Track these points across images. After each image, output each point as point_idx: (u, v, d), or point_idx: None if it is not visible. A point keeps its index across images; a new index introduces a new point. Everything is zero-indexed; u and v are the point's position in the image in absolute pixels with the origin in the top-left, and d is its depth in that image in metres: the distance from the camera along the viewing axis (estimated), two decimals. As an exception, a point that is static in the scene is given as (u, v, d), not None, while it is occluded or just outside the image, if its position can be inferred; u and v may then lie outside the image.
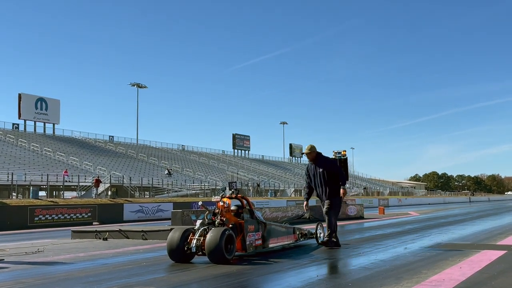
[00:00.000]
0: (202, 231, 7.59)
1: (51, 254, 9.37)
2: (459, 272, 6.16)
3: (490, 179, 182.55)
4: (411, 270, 6.43)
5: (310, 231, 10.29)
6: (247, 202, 8.63)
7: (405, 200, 69.82)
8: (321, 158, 9.41)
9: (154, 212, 31.11)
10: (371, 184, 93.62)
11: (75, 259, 8.60)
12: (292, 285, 5.50)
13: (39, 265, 7.91)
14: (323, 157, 9.47)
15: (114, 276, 6.47)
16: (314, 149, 9.37)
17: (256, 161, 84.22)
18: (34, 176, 35.26)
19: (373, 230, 15.19)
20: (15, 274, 6.85)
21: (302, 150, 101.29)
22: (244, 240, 7.91)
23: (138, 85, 71.97)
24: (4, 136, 51.53)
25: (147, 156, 60.57)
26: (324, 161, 9.39)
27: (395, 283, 5.45)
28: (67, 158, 47.29)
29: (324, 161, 9.39)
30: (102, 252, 9.66)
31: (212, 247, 7.13)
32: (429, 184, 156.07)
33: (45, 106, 59.78)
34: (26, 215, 23.91)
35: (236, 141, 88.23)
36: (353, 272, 6.54)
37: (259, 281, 6.07)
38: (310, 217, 21.71)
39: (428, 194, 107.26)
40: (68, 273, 6.83)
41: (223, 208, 7.96)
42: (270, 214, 19.08)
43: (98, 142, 65.43)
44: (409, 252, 8.58)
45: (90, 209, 27.43)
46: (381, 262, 7.30)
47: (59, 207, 26.19)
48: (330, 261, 7.84)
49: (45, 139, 56.18)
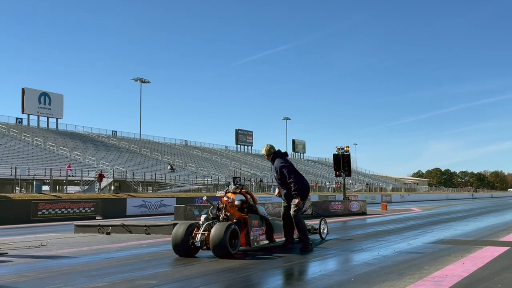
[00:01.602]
0: (207, 226, 7.64)
1: (55, 248, 9.40)
2: (462, 268, 6.15)
3: (493, 175, 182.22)
4: (414, 266, 6.43)
5: (314, 227, 10.30)
6: (251, 197, 8.68)
7: (407, 196, 69.82)
8: (275, 160, 8.70)
9: (157, 207, 31.16)
10: (374, 180, 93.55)
11: (78, 253, 8.63)
12: (294, 280, 5.51)
13: (42, 259, 7.94)
14: (276, 159, 8.68)
15: (117, 270, 6.49)
16: (269, 151, 8.76)
17: (259, 157, 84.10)
18: (37, 171, 35.33)
19: (375, 226, 15.17)
20: (18, 268, 6.88)
21: (305, 146, 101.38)
22: (248, 235, 7.96)
23: (141, 80, 71.98)
24: (7, 130, 51.63)
25: (150, 151, 60.61)
26: (276, 163, 8.64)
27: (398, 279, 5.45)
28: (70, 153, 47.36)
29: (276, 163, 8.64)
30: (105, 246, 9.69)
31: (216, 241, 7.17)
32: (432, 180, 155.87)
33: (49, 101, 59.83)
34: (30, 209, 23.98)
35: (239, 136, 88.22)
36: (356, 267, 6.55)
37: (261, 276, 6.08)
38: (312, 212, 21.76)
39: (431, 190, 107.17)
40: (72, 267, 6.85)
41: (227, 203, 8.01)
42: (273, 210, 19.08)
43: (101, 137, 65.48)
44: (411, 248, 8.58)
45: (93, 203, 27.48)
46: (383, 257, 7.30)
47: (62, 201, 26.25)
48: (332, 256, 7.84)
49: (49, 134, 56.26)
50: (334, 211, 23.01)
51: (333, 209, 23.17)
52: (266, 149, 8.80)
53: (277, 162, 8.60)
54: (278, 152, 8.82)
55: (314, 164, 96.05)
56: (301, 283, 5.31)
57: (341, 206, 23.89)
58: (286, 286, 5.19)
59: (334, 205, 23.82)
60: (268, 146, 8.81)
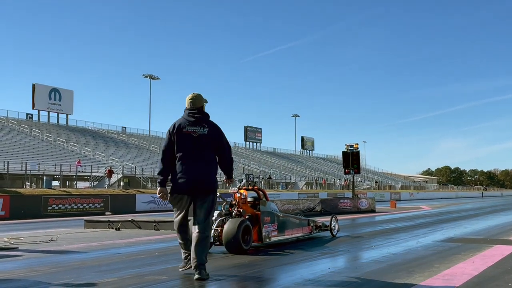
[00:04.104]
0: (220, 221, 7.73)
1: (65, 243, 9.46)
2: (472, 267, 6.12)
3: (503, 174, 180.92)
4: (423, 264, 6.41)
5: (325, 224, 10.37)
6: (264, 194, 8.76)
7: (417, 194, 69.52)
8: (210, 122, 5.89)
9: (166, 203, 30.87)
10: (383, 178, 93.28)
11: (88, 248, 8.68)
12: (304, 277, 5.51)
13: (52, 253, 7.99)
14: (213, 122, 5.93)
15: (126, 265, 6.52)
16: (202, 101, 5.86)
17: (268, 154, 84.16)
18: (47, 166, 35.57)
19: (384, 223, 15.15)
20: (29, 262, 6.93)
21: (314, 143, 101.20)
22: (260, 231, 8.06)
23: (151, 76, 72.12)
24: (18, 126, 51.98)
25: (159, 147, 60.73)
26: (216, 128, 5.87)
27: (407, 277, 5.44)
28: (80, 149, 47.61)
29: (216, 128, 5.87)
30: (115, 242, 9.74)
31: (229, 237, 7.28)
32: (441, 178, 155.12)
33: (59, 97, 60.11)
34: (40, 204, 24.13)
35: (248, 133, 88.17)
36: (365, 265, 6.54)
37: (271, 272, 6.10)
38: (321, 210, 21.74)
39: (440, 188, 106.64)
40: (81, 262, 6.90)
41: (240, 200, 8.10)
42: (282, 207, 19.09)
43: (111, 133, 65.75)
44: (421, 246, 8.55)
45: (102, 199, 27.60)
46: (393, 255, 7.29)
47: (72, 196, 26.40)
48: (342, 254, 7.85)
49: (59, 129, 56.58)
50: (343, 208, 22.98)
51: (342, 207, 23.14)
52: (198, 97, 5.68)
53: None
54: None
55: (323, 162, 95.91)
56: (311, 280, 5.30)
57: (350, 203, 23.85)
58: (295, 282, 5.19)
59: (343, 203, 23.80)
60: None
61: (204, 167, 5.46)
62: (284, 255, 7.46)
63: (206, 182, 5.48)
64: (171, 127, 5.56)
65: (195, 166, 5.41)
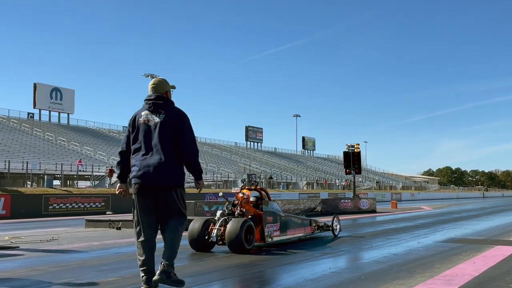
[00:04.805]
0: (222, 221, 7.78)
1: (65, 242, 9.46)
2: (472, 268, 6.12)
3: (504, 174, 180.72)
4: (424, 264, 6.41)
5: (327, 223, 10.39)
6: (266, 194, 8.80)
7: (418, 195, 69.50)
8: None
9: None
10: (384, 178, 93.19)
11: (89, 247, 8.68)
12: (305, 277, 5.51)
13: (53, 253, 8.00)
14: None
15: (127, 265, 6.52)
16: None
17: (269, 154, 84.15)
18: (48, 165, 35.57)
19: (385, 224, 15.14)
20: (29, 262, 6.93)
21: (315, 143, 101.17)
22: (263, 231, 8.11)
23: (152, 76, 71.78)
24: (19, 125, 52.02)
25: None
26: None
27: (408, 277, 5.43)
28: (81, 148, 47.63)
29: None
30: (116, 241, 9.74)
31: (232, 237, 7.32)
32: (442, 179, 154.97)
33: (60, 96, 60.13)
34: (41, 204, 24.14)
35: (249, 133, 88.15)
36: (366, 265, 6.54)
37: (273, 272, 6.11)
38: (322, 210, 21.74)
39: (441, 189, 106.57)
40: (82, 261, 6.90)
41: (242, 199, 8.13)
42: (282, 207, 19.08)
43: (112, 132, 65.75)
44: (422, 246, 8.55)
45: (103, 198, 27.61)
46: (393, 256, 7.28)
47: (73, 196, 26.42)
48: (343, 254, 7.85)
49: (60, 129, 56.59)
50: (344, 208, 22.98)
51: (343, 207, 23.14)
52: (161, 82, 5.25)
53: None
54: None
55: (324, 162, 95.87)
56: (312, 280, 5.31)
57: (351, 203, 23.86)
58: (297, 282, 5.19)
59: (344, 203, 23.80)
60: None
61: (158, 159, 4.61)
62: (286, 255, 7.48)
63: (158, 175, 4.61)
64: (130, 119, 4.92)
65: (149, 159, 4.63)
